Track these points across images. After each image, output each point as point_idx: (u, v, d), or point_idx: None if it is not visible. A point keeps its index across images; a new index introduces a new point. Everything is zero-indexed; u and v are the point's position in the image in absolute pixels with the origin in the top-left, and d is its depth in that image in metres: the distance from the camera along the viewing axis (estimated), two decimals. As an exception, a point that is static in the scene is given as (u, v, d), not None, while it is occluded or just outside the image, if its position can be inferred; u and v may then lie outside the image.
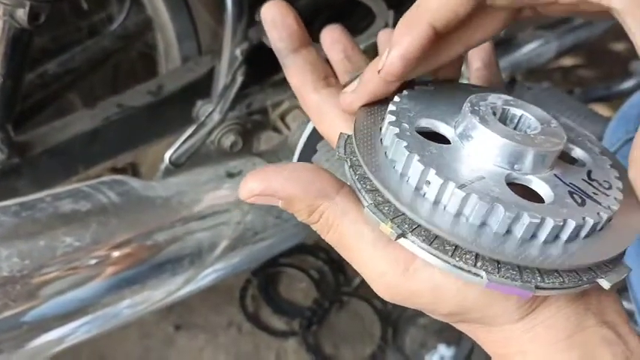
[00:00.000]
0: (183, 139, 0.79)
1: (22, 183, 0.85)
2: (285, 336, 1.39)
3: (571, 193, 0.31)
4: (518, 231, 0.29)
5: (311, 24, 1.00)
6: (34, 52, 0.97)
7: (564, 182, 0.32)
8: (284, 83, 0.93)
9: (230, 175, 0.85)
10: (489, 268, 0.29)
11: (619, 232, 0.32)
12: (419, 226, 0.29)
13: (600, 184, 0.33)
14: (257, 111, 0.86)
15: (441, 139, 0.33)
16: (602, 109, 1.64)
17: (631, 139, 0.98)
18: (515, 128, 0.34)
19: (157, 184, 0.81)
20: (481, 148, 0.31)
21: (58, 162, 0.88)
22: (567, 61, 1.97)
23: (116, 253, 0.75)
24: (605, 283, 0.31)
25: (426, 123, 0.33)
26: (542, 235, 0.30)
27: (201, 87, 0.91)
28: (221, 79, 0.82)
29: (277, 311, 1.42)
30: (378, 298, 1.21)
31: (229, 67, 0.81)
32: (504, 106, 0.34)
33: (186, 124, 0.86)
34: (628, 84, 1.27)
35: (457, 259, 0.29)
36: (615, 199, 0.32)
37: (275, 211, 0.87)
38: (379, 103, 0.36)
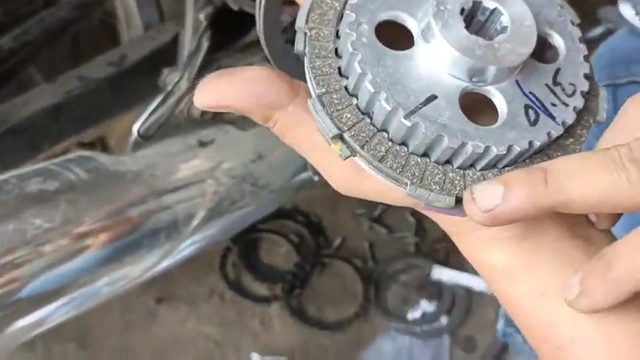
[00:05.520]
0: (151, 110, 0.77)
1: (-15, 164, 0.82)
2: (269, 301, 1.39)
3: (527, 108, 0.31)
4: (460, 159, 0.30)
5: None
6: (-13, 27, 0.93)
7: (523, 92, 0.31)
8: (253, 46, 0.91)
9: (202, 145, 0.84)
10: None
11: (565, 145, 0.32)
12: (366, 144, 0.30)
13: (564, 90, 0.32)
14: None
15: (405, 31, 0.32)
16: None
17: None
18: (484, 23, 0.32)
19: (127, 158, 0.79)
20: (439, 57, 0.30)
21: (21, 140, 0.85)
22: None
23: (89, 232, 0.73)
24: None
25: (389, 16, 0.32)
26: (483, 163, 0.30)
27: (166, 55, 0.88)
28: (186, 46, 0.79)
29: (259, 277, 1.42)
30: (359, 257, 1.21)
31: (194, 32, 0.79)
32: None
33: (152, 94, 0.83)
34: (596, 32, 1.26)
35: (399, 182, 0.30)
36: (574, 108, 0.31)
37: (251, 178, 0.86)
38: None
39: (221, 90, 0.32)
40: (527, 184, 0.28)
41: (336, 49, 0.32)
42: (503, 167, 0.31)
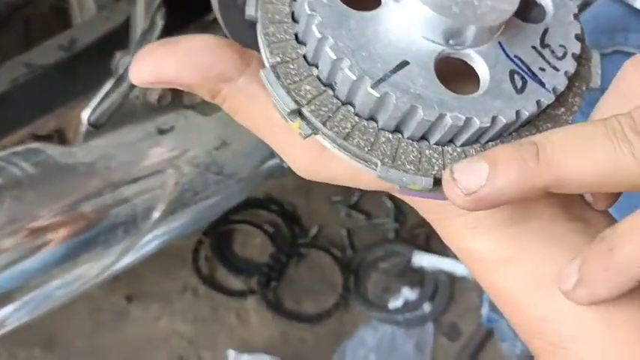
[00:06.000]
0: (102, 97, 0.71)
1: None
2: (244, 295, 1.36)
3: (512, 74, 0.28)
4: (437, 134, 0.27)
5: None
6: None
7: (508, 55, 0.28)
8: (213, 25, 0.86)
9: (161, 132, 0.79)
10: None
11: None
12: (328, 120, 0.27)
13: (553, 52, 0.29)
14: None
15: None
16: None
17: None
18: None
19: (78, 149, 0.73)
20: (410, 17, 0.27)
21: (-35, 134, 0.79)
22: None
23: (39, 230, 0.68)
24: None
25: None
26: (464, 137, 0.27)
27: (120, 37, 0.82)
28: (138, 25, 0.74)
29: (233, 270, 1.39)
30: (337, 246, 1.17)
31: (146, 10, 0.73)
32: None
33: (106, 80, 0.78)
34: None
35: (368, 162, 0.28)
36: (566, 73, 0.29)
37: (215, 167, 0.82)
38: None
39: (161, 62, 0.28)
40: (515, 161, 0.25)
41: (293, 13, 0.28)
42: (487, 142, 0.28)
